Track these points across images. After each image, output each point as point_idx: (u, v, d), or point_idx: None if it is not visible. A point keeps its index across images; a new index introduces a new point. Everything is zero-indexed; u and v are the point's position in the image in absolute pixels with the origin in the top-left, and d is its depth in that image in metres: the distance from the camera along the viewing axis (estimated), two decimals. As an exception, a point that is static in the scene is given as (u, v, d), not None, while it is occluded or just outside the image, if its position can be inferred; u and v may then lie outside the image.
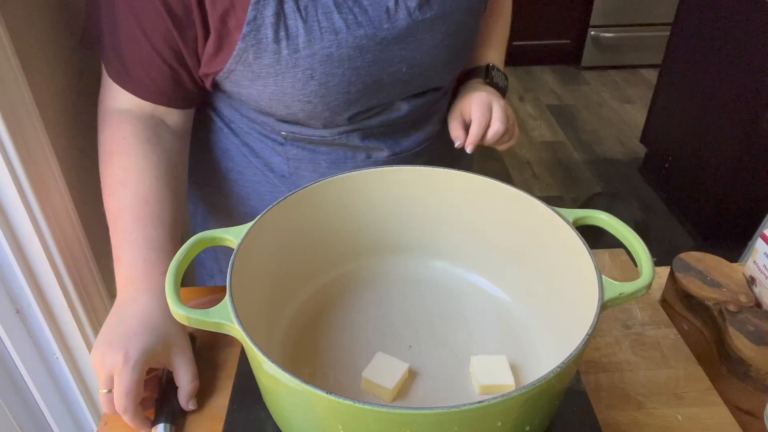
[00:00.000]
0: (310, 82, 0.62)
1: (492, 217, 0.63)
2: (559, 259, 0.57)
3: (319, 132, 0.70)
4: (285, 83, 0.62)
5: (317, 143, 0.71)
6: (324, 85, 0.63)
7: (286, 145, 0.72)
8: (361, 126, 0.71)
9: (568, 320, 0.54)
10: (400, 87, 0.69)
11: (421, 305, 0.65)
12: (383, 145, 0.73)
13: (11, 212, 0.67)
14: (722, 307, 0.66)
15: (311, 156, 0.73)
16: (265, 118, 0.70)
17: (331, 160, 0.73)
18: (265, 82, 0.63)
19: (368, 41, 0.62)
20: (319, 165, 0.73)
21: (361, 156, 0.74)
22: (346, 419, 0.43)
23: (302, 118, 0.67)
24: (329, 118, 0.67)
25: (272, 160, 0.74)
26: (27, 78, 0.67)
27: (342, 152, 0.73)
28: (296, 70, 0.61)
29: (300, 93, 0.63)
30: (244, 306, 0.48)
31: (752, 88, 1.82)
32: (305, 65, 0.61)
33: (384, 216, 0.66)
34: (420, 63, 0.67)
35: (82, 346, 0.80)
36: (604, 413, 0.57)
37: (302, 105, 0.64)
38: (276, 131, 0.71)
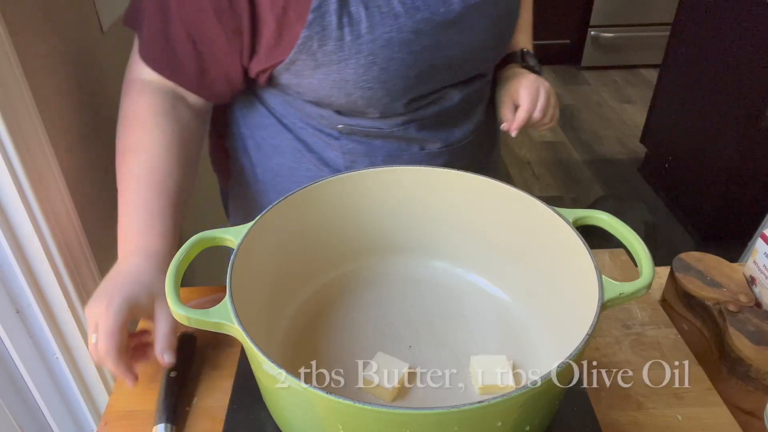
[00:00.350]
0: (372, 68, 0.64)
1: (492, 217, 0.63)
2: (559, 259, 0.57)
3: (376, 124, 0.71)
4: (347, 70, 0.64)
5: (373, 136, 0.73)
6: (385, 70, 0.64)
7: (342, 139, 0.73)
8: (417, 116, 0.72)
9: (568, 320, 0.54)
10: (452, 72, 0.70)
11: (421, 305, 0.65)
12: (437, 137, 0.75)
13: (11, 212, 0.67)
14: (722, 307, 0.66)
15: (367, 149, 0.74)
16: (322, 111, 0.71)
17: (387, 152, 0.74)
18: (327, 70, 0.64)
19: (425, 25, 0.64)
20: (375, 158, 0.75)
21: (415, 148, 0.75)
22: (346, 419, 0.43)
23: (361, 106, 0.68)
24: (388, 104, 0.68)
25: (327, 155, 0.75)
26: (27, 78, 0.67)
27: (397, 145, 0.74)
28: (359, 56, 0.63)
29: (362, 79, 0.64)
30: (244, 306, 0.48)
31: (752, 87, 1.82)
32: (367, 51, 0.63)
33: (384, 216, 0.66)
34: (471, 47, 0.69)
35: (82, 346, 0.80)
36: (604, 413, 0.57)
37: (363, 92, 0.65)
38: (332, 125, 0.72)
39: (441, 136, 0.75)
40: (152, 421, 0.55)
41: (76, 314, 0.78)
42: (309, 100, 0.70)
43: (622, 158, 2.67)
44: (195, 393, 0.60)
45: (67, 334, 0.79)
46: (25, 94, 0.67)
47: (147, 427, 0.56)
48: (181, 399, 0.58)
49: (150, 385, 0.60)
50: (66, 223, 0.75)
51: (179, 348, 0.61)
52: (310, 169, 0.77)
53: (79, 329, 0.79)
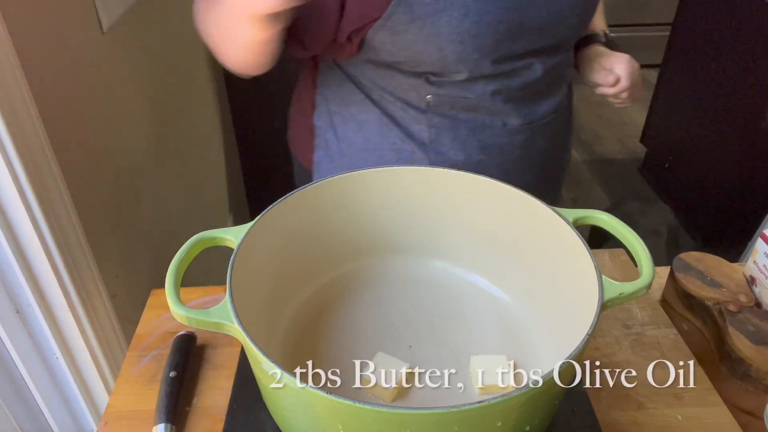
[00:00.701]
0: (465, 21, 0.65)
1: (492, 217, 0.63)
2: (559, 259, 0.57)
3: (464, 93, 0.73)
4: (441, 22, 0.65)
5: (459, 108, 0.75)
6: (476, 23, 0.66)
7: (429, 113, 0.75)
8: (503, 87, 0.74)
9: (568, 320, 0.54)
10: (539, 36, 0.72)
11: (421, 305, 0.65)
12: (520, 111, 0.77)
13: (11, 212, 0.67)
14: (722, 307, 0.66)
15: (452, 123, 0.76)
16: (412, 81, 0.73)
17: (470, 127, 0.76)
18: (422, 23, 0.65)
19: None
20: (459, 132, 0.77)
21: (498, 123, 0.77)
22: (346, 419, 0.43)
23: (451, 62, 0.69)
24: (477, 62, 0.69)
25: (413, 129, 0.77)
26: (27, 78, 0.67)
27: (481, 119, 0.76)
28: (453, 8, 0.65)
29: (454, 32, 0.66)
30: (244, 306, 0.48)
31: (752, 87, 1.82)
32: (461, 3, 0.64)
33: (384, 216, 0.66)
34: (558, 9, 0.71)
35: (82, 346, 0.80)
36: (604, 413, 0.57)
37: (455, 45, 0.67)
38: (421, 96, 0.74)
39: (524, 111, 0.77)
40: (152, 421, 0.55)
41: (76, 314, 0.78)
42: (400, 66, 0.72)
43: (622, 158, 2.67)
44: (195, 393, 0.60)
45: (67, 334, 0.79)
46: (25, 94, 0.67)
47: (147, 427, 0.56)
48: (181, 399, 0.58)
49: (150, 385, 0.60)
50: (66, 223, 0.75)
51: (179, 348, 0.62)
52: (395, 142, 0.79)
53: (79, 329, 0.79)
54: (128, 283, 0.99)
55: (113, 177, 0.96)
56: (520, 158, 0.80)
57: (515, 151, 0.79)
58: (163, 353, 0.63)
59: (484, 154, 0.78)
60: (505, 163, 0.79)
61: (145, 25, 1.13)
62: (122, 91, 1.01)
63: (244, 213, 2.02)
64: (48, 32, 0.77)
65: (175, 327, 0.66)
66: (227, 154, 1.83)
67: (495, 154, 0.78)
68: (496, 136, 0.77)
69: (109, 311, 0.86)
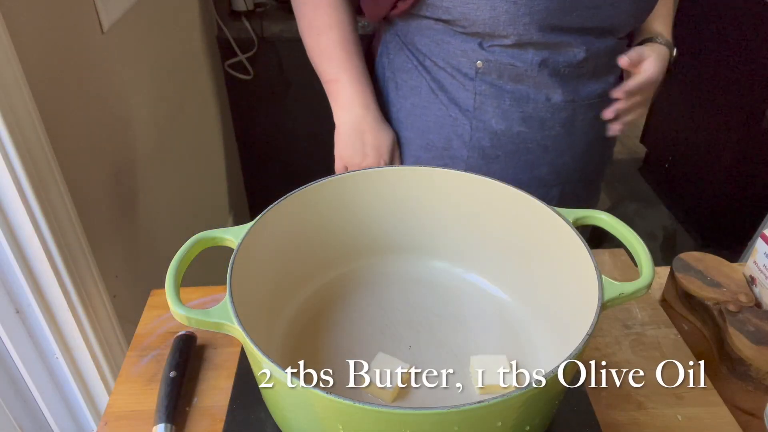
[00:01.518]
0: None
1: (492, 217, 0.63)
2: (559, 259, 0.57)
3: (513, 60, 0.75)
4: None
5: (507, 78, 0.77)
6: None
7: (476, 80, 0.78)
8: (550, 59, 0.75)
9: (568, 320, 0.54)
10: (591, 13, 0.72)
11: (421, 305, 0.65)
12: (565, 88, 0.78)
13: (11, 212, 0.67)
14: (722, 307, 0.66)
15: (497, 92, 0.78)
16: (464, 45, 0.76)
17: (515, 98, 0.78)
18: None
19: None
20: (503, 101, 0.79)
21: (542, 97, 0.78)
22: (346, 419, 0.43)
23: (503, 23, 0.71)
24: (527, 25, 0.71)
25: (459, 95, 0.80)
26: (27, 78, 0.67)
27: (525, 91, 0.78)
28: None
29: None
30: (244, 306, 0.48)
31: (752, 87, 1.82)
32: None
33: (384, 216, 0.66)
34: None
35: (82, 346, 0.80)
36: (604, 413, 0.57)
37: (507, 5, 0.69)
38: (472, 62, 0.77)
39: (568, 89, 0.78)
40: (152, 421, 0.55)
41: (76, 314, 0.78)
42: (454, 26, 0.74)
43: (622, 158, 2.67)
44: (195, 393, 0.60)
45: (67, 334, 0.79)
46: (25, 94, 0.67)
47: (147, 427, 0.56)
48: (181, 399, 0.58)
49: (150, 385, 0.60)
50: (66, 223, 0.75)
51: (179, 348, 0.62)
52: (440, 108, 0.82)
53: (79, 329, 0.79)
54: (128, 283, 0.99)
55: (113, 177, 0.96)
56: (561, 136, 0.81)
57: (555, 127, 0.80)
58: (163, 353, 0.63)
59: (525, 125, 0.79)
60: (545, 139, 0.81)
61: (145, 25, 1.13)
62: (122, 91, 1.01)
63: (244, 213, 2.02)
64: (48, 32, 0.77)
65: (175, 327, 0.66)
66: (227, 154, 1.83)
67: (536, 127, 0.80)
68: (539, 110, 0.79)
69: (109, 311, 0.86)
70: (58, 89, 0.79)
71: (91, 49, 0.89)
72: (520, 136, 0.80)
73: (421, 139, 0.85)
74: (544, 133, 0.80)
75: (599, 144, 0.87)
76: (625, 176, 2.55)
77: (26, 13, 0.71)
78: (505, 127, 0.79)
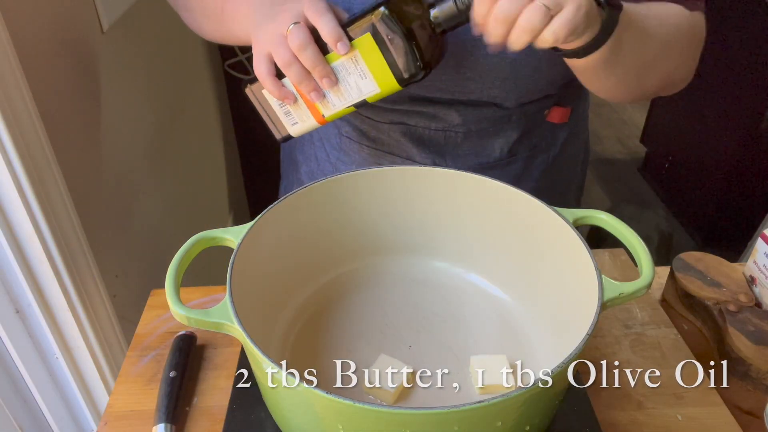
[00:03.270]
0: None
1: (492, 217, 0.63)
2: (559, 259, 0.57)
3: (371, 114, 0.71)
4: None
5: (369, 126, 0.73)
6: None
7: (343, 118, 0.74)
8: (411, 124, 0.71)
9: (568, 320, 0.54)
10: (458, 87, 0.65)
11: (421, 305, 0.65)
12: (426, 152, 0.72)
13: (11, 212, 0.67)
14: (722, 307, 0.66)
15: (359, 137, 0.74)
16: None
17: (374, 149, 0.74)
18: None
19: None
20: (362, 148, 0.75)
21: (403, 155, 0.73)
22: (346, 419, 0.43)
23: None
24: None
25: (330, 131, 0.77)
26: (27, 78, 0.67)
27: (387, 144, 0.73)
28: None
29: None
30: (244, 306, 0.48)
31: (752, 87, 1.82)
32: None
33: (384, 216, 0.66)
34: (476, 66, 0.63)
35: (82, 346, 0.80)
36: (604, 413, 0.57)
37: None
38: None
39: (435, 153, 0.73)
40: (152, 421, 0.55)
41: (76, 314, 0.78)
42: None
43: (622, 158, 2.67)
44: (195, 393, 0.60)
45: (67, 334, 0.79)
46: (25, 94, 0.67)
47: (147, 427, 0.56)
48: (181, 399, 0.58)
49: (150, 385, 0.60)
50: (66, 223, 0.75)
51: (179, 348, 0.62)
52: (318, 140, 0.79)
53: (79, 329, 0.79)
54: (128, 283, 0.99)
55: (113, 177, 0.96)
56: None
57: None
58: (163, 353, 0.63)
59: None
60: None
61: (145, 25, 1.13)
62: (122, 91, 1.01)
63: (244, 213, 2.02)
64: (48, 32, 0.77)
65: (175, 327, 0.66)
66: (227, 154, 1.83)
67: None
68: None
69: (109, 311, 0.86)
70: (58, 89, 0.79)
71: (91, 49, 0.89)
72: None
73: (306, 165, 0.83)
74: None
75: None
76: (625, 176, 2.55)
77: (26, 13, 0.71)
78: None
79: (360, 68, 0.54)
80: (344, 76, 0.55)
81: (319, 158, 0.80)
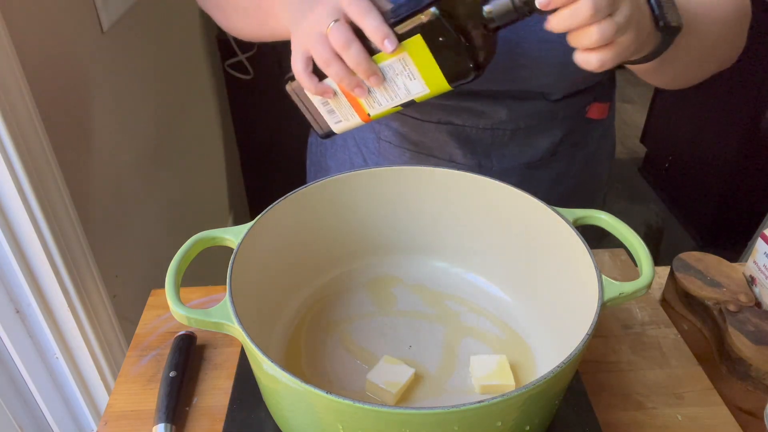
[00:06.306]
0: None
1: (492, 217, 0.63)
2: (559, 259, 0.57)
3: (414, 113, 0.70)
4: None
5: (410, 129, 0.72)
6: None
7: (381, 123, 0.74)
8: (457, 120, 0.70)
9: (568, 320, 0.54)
10: (505, 76, 0.65)
11: (421, 305, 0.65)
12: (469, 150, 0.71)
13: (11, 212, 0.67)
14: (722, 307, 0.66)
15: (400, 141, 0.73)
16: None
17: (415, 153, 0.73)
18: None
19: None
20: (403, 153, 0.74)
21: (445, 157, 0.72)
22: (346, 419, 0.43)
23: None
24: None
25: (366, 136, 0.77)
26: (27, 78, 0.67)
27: (428, 146, 0.72)
28: None
29: None
30: (244, 306, 0.48)
31: (752, 87, 1.82)
32: None
33: (384, 216, 0.66)
34: (529, 45, 0.62)
35: (82, 346, 0.80)
36: (604, 413, 0.57)
37: None
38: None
39: (477, 152, 0.73)
40: (152, 421, 0.55)
41: (76, 314, 0.78)
42: None
43: (622, 158, 2.67)
44: (195, 393, 0.60)
45: (67, 334, 0.79)
46: (25, 94, 0.67)
47: (147, 427, 0.56)
48: (181, 399, 0.58)
49: (150, 385, 0.60)
50: (66, 223, 0.75)
51: (179, 348, 0.62)
52: (353, 145, 0.78)
53: (79, 329, 0.79)
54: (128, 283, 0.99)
55: (113, 177, 0.96)
56: None
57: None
58: (163, 353, 0.63)
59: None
60: None
61: (145, 25, 1.13)
62: (122, 91, 1.01)
63: (244, 213, 2.02)
64: (48, 32, 0.77)
65: (175, 327, 0.66)
66: (227, 154, 1.83)
67: None
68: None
69: (109, 311, 0.86)
70: (58, 89, 0.79)
71: (91, 49, 0.89)
72: None
73: (338, 172, 0.81)
74: None
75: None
76: (625, 176, 2.55)
77: (26, 13, 0.71)
78: None
79: (409, 69, 0.52)
80: (392, 76, 0.53)
81: (355, 163, 0.79)
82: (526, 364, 0.58)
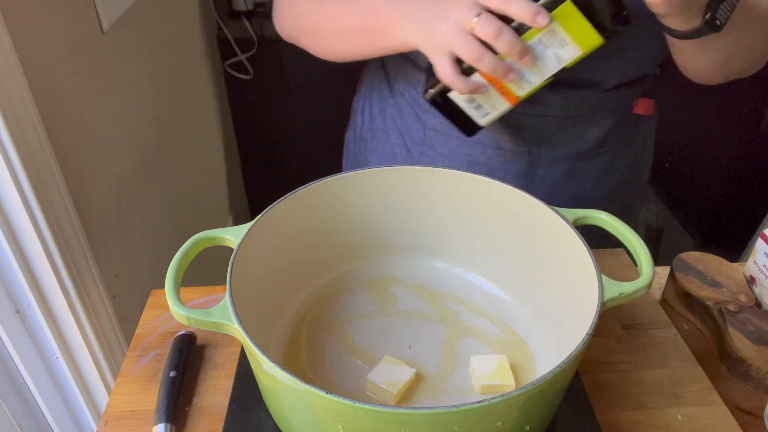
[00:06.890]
0: None
1: (492, 217, 0.63)
2: (559, 259, 0.57)
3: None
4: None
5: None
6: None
7: (429, 113, 0.75)
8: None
9: (568, 320, 0.54)
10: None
11: (421, 305, 0.65)
12: (519, 137, 0.73)
13: (11, 212, 0.67)
14: (722, 307, 0.66)
15: (447, 129, 0.74)
16: (421, 74, 0.72)
17: (462, 139, 0.74)
18: None
19: None
20: (450, 140, 0.75)
21: (492, 144, 0.73)
22: (346, 419, 0.43)
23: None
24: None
25: (412, 126, 0.78)
26: (27, 78, 0.67)
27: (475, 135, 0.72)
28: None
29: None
30: (244, 306, 0.48)
31: (752, 88, 1.82)
32: None
33: (384, 216, 0.66)
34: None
35: (82, 346, 0.80)
36: (604, 413, 0.57)
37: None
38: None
39: (526, 139, 0.74)
40: (152, 421, 0.55)
41: (76, 314, 0.78)
42: (414, 57, 0.71)
43: (622, 158, 2.67)
44: (195, 393, 0.60)
45: (67, 334, 0.79)
46: (25, 94, 0.67)
47: (147, 427, 0.56)
48: (181, 399, 0.58)
49: (150, 385, 0.60)
50: (66, 223, 0.75)
51: (179, 348, 0.62)
52: (397, 136, 0.79)
53: (79, 329, 0.79)
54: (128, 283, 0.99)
55: (113, 177, 0.96)
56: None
57: (507, 178, 0.74)
58: (163, 353, 0.63)
59: (471, 170, 0.70)
60: None
61: (145, 25, 1.13)
62: (122, 91, 1.01)
63: (244, 213, 2.02)
64: (48, 32, 0.77)
65: (175, 327, 0.66)
66: (227, 154, 1.83)
67: (483, 173, 0.71)
68: (488, 157, 0.74)
69: (109, 311, 0.86)
70: (58, 89, 0.79)
71: (91, 49, 0.89)
72: None
73: (379, 165, 0.80)
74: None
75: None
76: (625, 176, 2.55)
77: (26, 13, 0.71)
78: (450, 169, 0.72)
79: (559, 37, 0.55)
80: (541, 50, 0.56)
81: (397, 155, 0.81)
82: (526, 364, 0.58)
